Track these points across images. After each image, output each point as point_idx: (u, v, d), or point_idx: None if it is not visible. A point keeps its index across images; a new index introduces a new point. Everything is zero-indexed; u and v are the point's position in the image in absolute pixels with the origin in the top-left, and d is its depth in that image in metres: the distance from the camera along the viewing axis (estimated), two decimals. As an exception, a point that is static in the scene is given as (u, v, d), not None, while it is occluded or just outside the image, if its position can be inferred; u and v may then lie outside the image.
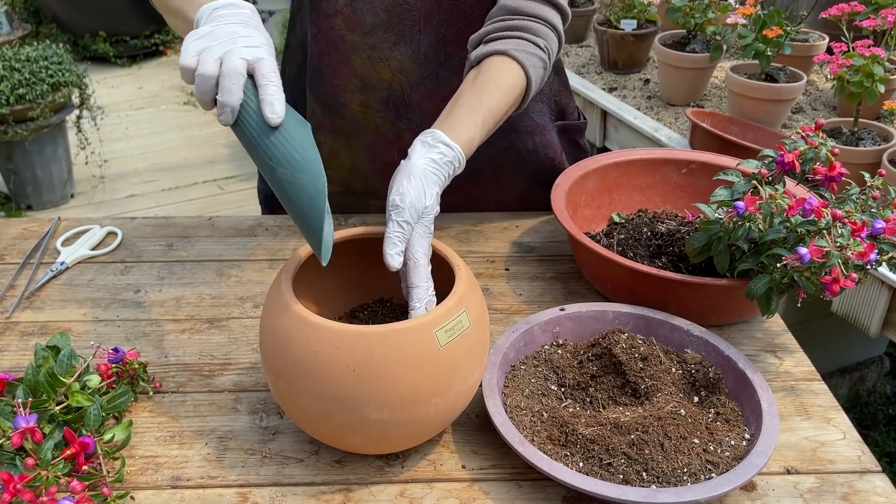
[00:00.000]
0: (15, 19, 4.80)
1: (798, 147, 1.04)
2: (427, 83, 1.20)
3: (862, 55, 1.97)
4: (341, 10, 1.15)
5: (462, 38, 1.16)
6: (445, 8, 1.14)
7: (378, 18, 1.14)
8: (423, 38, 1.16)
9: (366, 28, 1.15)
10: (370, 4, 1.13)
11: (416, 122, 1.24)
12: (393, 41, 1.16)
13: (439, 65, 1.18)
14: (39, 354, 0.92)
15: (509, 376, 0.95)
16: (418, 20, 1.14)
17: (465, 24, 1.15)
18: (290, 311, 0.81)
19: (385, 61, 1.17)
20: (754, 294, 0.96)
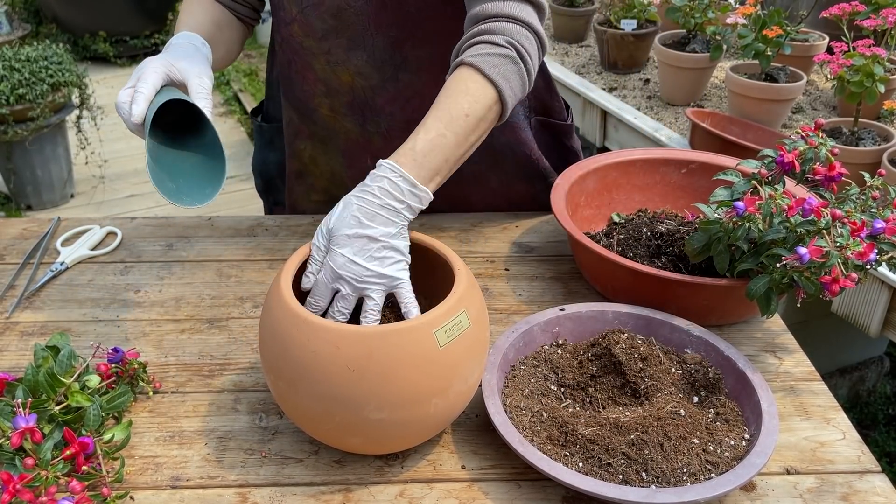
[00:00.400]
0: (15, 19, 4.80)
1: (798, 147, 1.04)
2: (388, 86, 1.20)
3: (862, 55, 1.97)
4: (296, 17, 1.16)
5: (415, 39, 1.16)
6: (391, 12, 1.13)
7: (327, 24, 1.15)
8: (377, 42, 1.16)
9: (318, 34, 1.16)
10: (317, 10, 1.14)
11: (384, 126, 1.24)
12: (346, 46, 1.16)
13: (397, 67, 1.18)
14: (39, 354, 0.92)
15: (509, 376, 0.95)
16: (368, 24, 1.14)
17: (415, 25, 1.15)
18: (290, 311, 0.81)
19: (342, 65, 1.18)
20: (754, 294, 0.96)
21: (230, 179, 3.83)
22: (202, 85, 1.00)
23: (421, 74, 1.19)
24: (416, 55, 1.17)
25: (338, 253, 0.84)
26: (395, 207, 0.86)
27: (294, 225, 1.34)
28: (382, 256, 0.85)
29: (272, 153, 1.41)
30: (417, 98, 1.21)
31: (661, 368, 0.94)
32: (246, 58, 5.28)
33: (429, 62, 1.18)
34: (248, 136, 4.24)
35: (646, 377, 0.92)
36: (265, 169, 1.45)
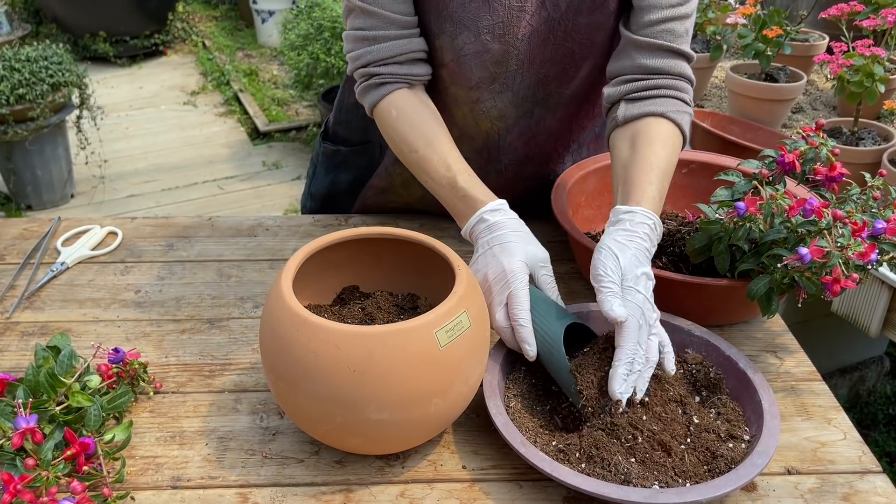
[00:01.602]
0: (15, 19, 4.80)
1: (798, 147, 1.04)
2: (521, 122, 1.18)
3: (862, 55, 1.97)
4: (447, 63, 1.11)
5: (564, 75, 1.14)
6: (550, 49, 1.11)
7: (486, 71, 1.11)
8: (524, 80, 1.13)
9: (472, 83, 1.12)
10: (479, 59, 1.09)
11: (503, 163, 1.23)
12: (497, 91, 1.13)
13: (536, 103, 1.16)
14: (39, 354, 0.92)
15: (510, 376, 0.95)
16: (523, 64, 1.11)
17: (571, 62, 1.12)
18: (290, 311, 0.81)
19: (486, 113, 1.15)
20: (755, 294, 0.96)
21: (231, 179, 3.84)
22: (548, 274, 0.97)
23: (557, 111, 1.18)
24: (558, 92, 1.16)
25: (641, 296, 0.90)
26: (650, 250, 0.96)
27: (294, 225, 1.34)
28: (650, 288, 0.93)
29: (344, 174, 1.38)
30: (544, 135, 1.21)
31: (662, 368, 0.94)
32: (246, 58, 5.28)
33: (568, 99, 1.17)
34: (247, 136, 4.24)
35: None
36: (332, 190, 1.41)
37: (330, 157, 1.39)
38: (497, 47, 1.08)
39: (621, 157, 1.06)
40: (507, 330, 0.93)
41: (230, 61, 5.14)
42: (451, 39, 1.08)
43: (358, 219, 1.36)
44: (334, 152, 1.38)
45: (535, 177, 1.28)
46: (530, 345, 0.91)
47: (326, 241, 0.92)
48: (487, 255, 0.97)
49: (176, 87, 4.87)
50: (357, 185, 1.37)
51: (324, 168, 1.41)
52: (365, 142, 1.33)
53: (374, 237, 0.95)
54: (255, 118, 4.37)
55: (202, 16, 5.97)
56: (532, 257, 0.97)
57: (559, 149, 1.26)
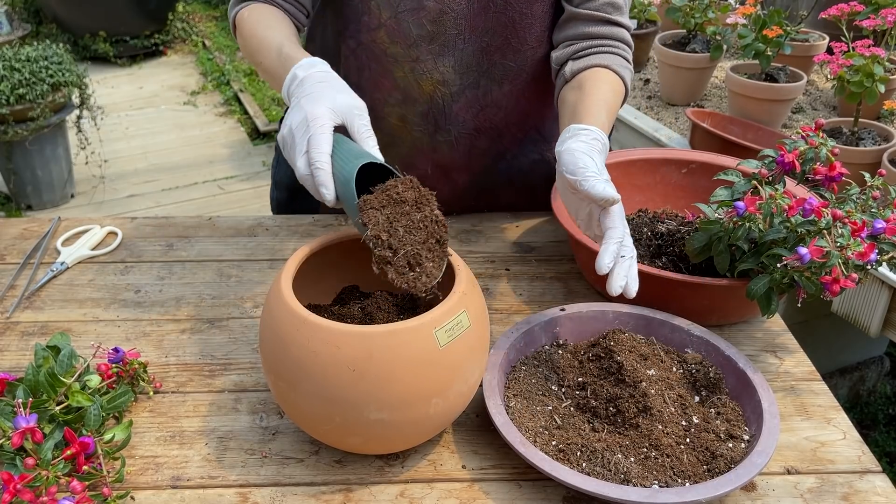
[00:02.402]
0: (15, 19, 4.80)
1: (798, 147, 1.04)
2: (467, 93, 1.19)
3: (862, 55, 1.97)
4: (385, 22, 1.13)
5: (506, 46, 1.16)
6: (491, 17, 1.13)
7: (423, 30, 1.13)
8: (467, 48, 1.15)
9: (410, 40, 1.14)
10: (416, 15, 1.12)
11: (453, 134, 1.23)
12: (437, 52, 1.15)
13: (481, 74, 1.18)
14: (39, 354, 0.92)
15: (510, 376, 0.95)
16: (463, 30, 1.13)
17: (512, 32, 1.15)
18: (290, 311, 0.81)
19: (427, 73, 1.17)
20: (754, 294, 0.96)
21: (231, 179, 3.84)
22: (364, 123, 0.94)
23: (503, 84, 1.19)
24: (502, 63, 1.18)
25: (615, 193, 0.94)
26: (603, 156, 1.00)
27: (294, 225, 1.34)
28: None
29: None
30: (493, 107, 1.22)
31: (662, 368, 0.94)
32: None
33: (513, 72, 1.19)
34: (247, 136, 4.24)
35: (646, 377, 0.92)
36: (293, 181, 1.39)
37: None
38: (432, 4, 1.11)
39: (570, 101, 1.11)
40: (308, 178, 0.88)
41: (230, 61, 5.14)
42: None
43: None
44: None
45: (489, 153, 1.28)
46: (327, 189, 0.86)
47: (326, 240, 0.92)
48: (294, 108, 0.93)
49: (176, 87, 4.87)
50: None
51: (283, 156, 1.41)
52: None
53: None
54: (255, 118, 4.37)
55: (202, 16, 5.97)
56: (343, 105, 0.92)
57: (511, 127, 1.26)
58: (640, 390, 0.90)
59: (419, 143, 1.24)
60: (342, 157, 0.87)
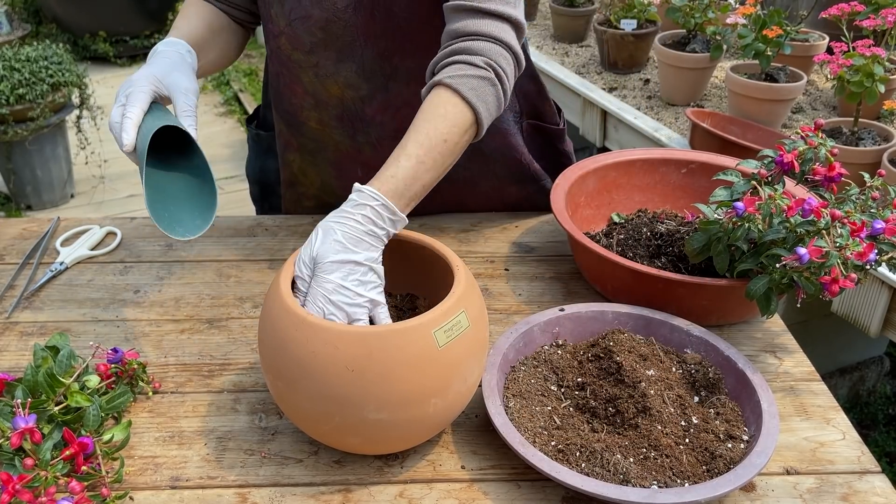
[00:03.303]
0: (15, 19, 4.80)
1: (797, 147, 1.04)
2: (378, 96, 1.19)
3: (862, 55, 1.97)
4: (283, 30, 1.15)
5: (404, 50, 1.15)
6: (380, 23, 1.13)
7: (315, 37, 1.14)
8: (367, 53, 1.15)
9: (306, 47, 1.15)
10: (305, 24, 1.13)
11: (374, 136, 1.23)
12: (335, 58, 1.15)
13: (387, 77, 1.18)
14: (39, 354, 0.92)
15: (509, 377, 0.95)
16: (357, 36, 1.13)
17: (404, 36, 1.14)
18: (290, 311, 0.81)
19: (331, 77, 1.17)
20: (754, 294, 0.96)
21: (230, 179, 3.83)
22: (188, 103, 1.01)
23: (411, 84, 1.18)
24: (405, 66, 1.17)
25: (326, 279, 0.85)
26: (377, 234, 0.88)
27: (294, 225, 1.34)
28: (367, 280, 0.86)
29: (270, 160, 1.40)
30: (407, 107, 1.20)
31: (662, 368, 0.94)
32: (246, 58, 5.28)
33: (418, 72, 1.17)
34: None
35: (645, 378, 0.92)
36: (263, 177, 1.44)
37: (255, 141, 1.42)
38: (317, 13, 1.11)
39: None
40: (117, 125, 0.98)
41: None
42: (281, 6, 1.13)
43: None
44: (257, 136, 1.41)
45: None
46: (128, 135, 0.95)
47: (325, 241, 0.92)
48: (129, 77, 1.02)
49: (176, 87, 4.87)
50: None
51: (253, 153, 1.45)
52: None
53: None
54: (255, 118, 4.37)
55: (202, 16, 5.97)
56: (173, 82, 1.01)
57: None
58: (639, 390, 0.90)
59: (342, 146, 1.25)
60: (153, 118, 0.97)
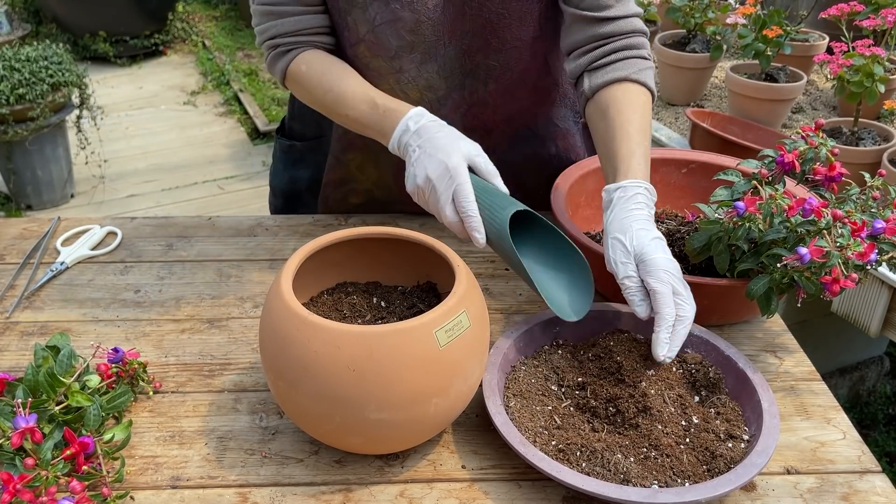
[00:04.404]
0: (15, 19, 4.80)
1: (798, 147, 1.04)
2: (454, 95, 1.19)
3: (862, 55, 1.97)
4: (364, 37, 1.13)
5: (489, 47, 1.15)
6: (469, 20, 1.12)
7: (403, 40, 1.12)
8: (449, 52, 1.15)
9: (391, 52, 1.14)
10: (393, 27, 1.11)
11: None
12: (419, 60, 1.15)
13: (465, 75, 1.18)
14: (39, 354, 0.92)
15: (509, 376, 0.95)
16: (443, 35, 1.13)
17: (491, 33, 1.14)
18: (290, 311, 0.81)
19: (413, 82, 1.17)
20: (754, 294, 0.96)
21: (231, 179, 3.84)
22: (486, 162, 1.01)
23: (488, 83, 1.19)
24: (486, 63, 1.17)
25: (664, 258, 0.93)
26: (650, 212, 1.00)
27: (294, 225, 1.34)
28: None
29: (302, 170, 1.40)
30: (479, 106, 1.22)
31: (662, 368, 0.94)
32: (246, 58, 5.28)
33: (498, 71, 1.19)
34: (247, 137, 4.24)
35: (646, 377, 0.92)
36: (292, 186, 1.42)
37: (286, 152, 1.41)
38: (408, 15, 1.10)
39: (598, 131, 1.10)
40: (457, 223, 0.98)
41: (230, 61, 5.14)
42: (363, 11, 1.11)
43: (357, 219, 1.36)
44: (290, 147, 1.40)
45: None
46: (480, 233, 0.96)
47: (326, 240, 0.92)
48: (423, 157, 1.00)
49: (176, 87, 4.87)
50: (316, 185, 1.38)
51: (282, 164, 1.43)
52: (319, 136, 1.35)
53: (373, 237, 0.95)
54: (255, 118, 4.37)
55: (202, 16, 5.97)
56: (467, 151, 1.00)
57: (500, 123, 1.26)
58: (639, 390, 0.90)
59: None
60: (486, 203, 0.97)
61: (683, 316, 0.91)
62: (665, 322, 0.90)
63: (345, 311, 0.97)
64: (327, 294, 1.00)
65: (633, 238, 0.95)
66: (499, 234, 0.94)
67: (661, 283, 0.91)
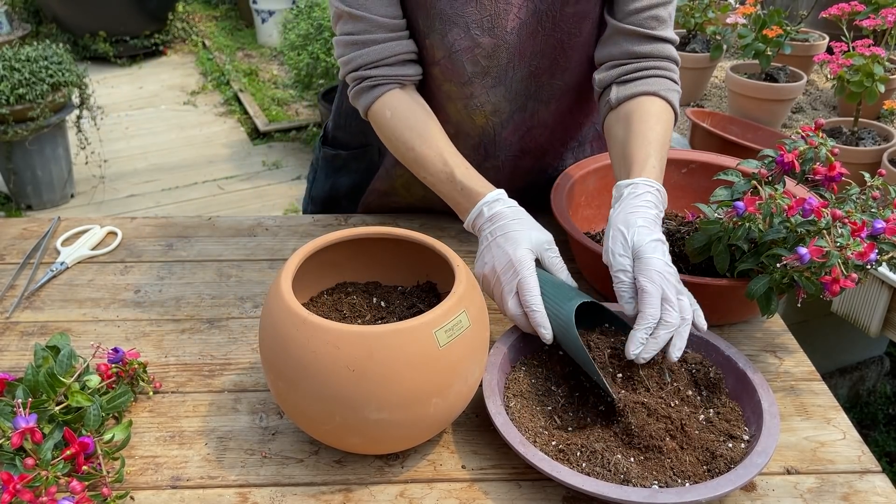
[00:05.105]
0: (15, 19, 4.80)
1: (798, 147, 1.04)
2: (516, 117, 1.19)
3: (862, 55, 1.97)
4: (439, 61, 1.12)
5: (555, 67, 1.15)
6: (540, 41, 1.12)
7: (478, 66, 1.12)
8: (517, 74, 1.14)
9: (464, 78, 1.13)
10: (470, 54, 1.10)
11: (500, 159, 1.24)
12: (490, 85, 1.14)
13: (528, 97, 1.18)
14: (39, 354, 0.92)
15: (509, 376, 0.95)
16: (514, 57, 1.12)
17: (562, 53, 1.14)
18: (290, 311, 0.81)
19: (480, 108, 1.16)
20: (754, 294, 0.96)
21: (231, 179, 3.84)
22: (555, 256, 1.00)
23: (550, 104, 1.19)
24: (550, 84, 1.17)
25: (661, 261, 0.92)
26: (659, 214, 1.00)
27: (294, 225, 1.34)
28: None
29: (344, 178, 1.39)
30: (539, 128, 1.22)
31: (662, 368, 0.94)
32: (246, 58, 5.28)
33: (560, 91, 1.19)
34: (247, 136, 4.24)
35: (646, 377, 0.92)
36: (332, 193, 1.41)
37: (330, 161, 1.39)
38: (487, 41, 1.09)
39: (618, 137, 1.09)
40: (520, 317, 0.95)
41: (230, 61, 5.14)
42: (441, 37, 1.09)
43: (357, 219, 1.36)
44: (334, 156, 1.38)
45: (532, 171, 1.29)
46: (546, 328, 0.92)
47: (326, 240, 0.92)
48: (492, 246, 0.99)
49: (176, 87, 4.88)
50: (356, 190, 1.37)
51: (324, 172, 1.41)
52: (364, 145, 1.34)
53: (373, 237, 0.95)
54: (255, 118, 4.37)
55: (202, 16, 5.97)
56: (536, 242, 0.98)
57: (555, 143, 1.27)
58: (639, 390, 0.90)
59: None
60: (551, 296, 0.94)
61: (668, 322, 0.89)
62: (646, 322, 0.89)
63: (344, 311, 0.97)
64: (327, 294, 0.99)
65: (635, 234, 0.95)
66: (565, 326, 0.91)
67: (650, 284, 0.90)
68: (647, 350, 0.89)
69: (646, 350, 0.89)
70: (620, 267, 0.94)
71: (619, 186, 1.02)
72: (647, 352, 0.89)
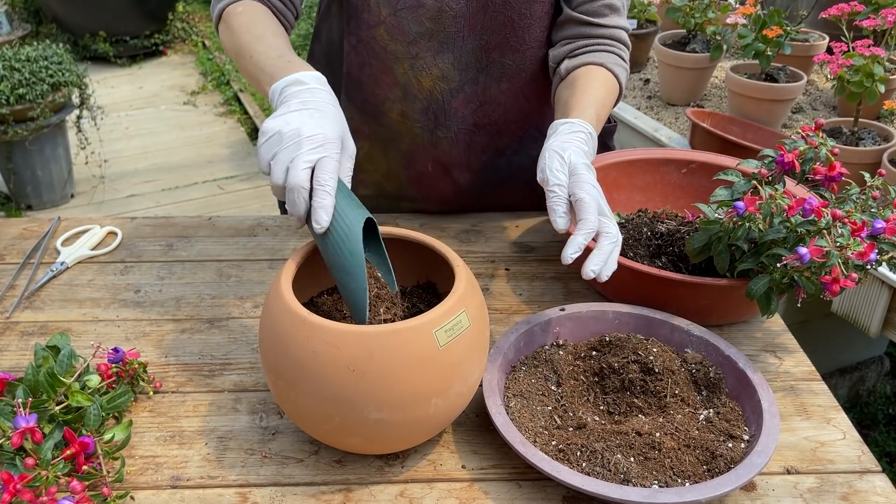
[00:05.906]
0: (15, 19, 4.80)
1: (798, 147, 1.04)
2: (466, 88, 1.21)
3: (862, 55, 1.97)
4: (384, 20, 1.14)
5: (505, 45, 1.17)
6: (491, 16, 1.15)
7: (422, 27, 1.14)
8: (466, 45, 1.17)
9: (409, 37, 1.15)
10: (415, 13, 1.13)
11: (453, 130, 1.24)
12: (436, 49, 1.16)
13: (480, 70, 1.20)
14: (39, 354, 0.92)
15: (510, 376, 0.95)
16: (462, 27, 1.15)
17: (510, 32, 1.16)
18: (290, 311, 0.81)
19: (427, 70, 1.18)
20: (754, 294, 0.96)
21: (231, 179, 3.84)
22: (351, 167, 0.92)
23: (502, 82, 1.21)
24: (501, 62, 1.19)
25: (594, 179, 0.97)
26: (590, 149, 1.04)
27: (294, 226, 1.34)
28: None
29: None
30: (492, 104, 1.23)
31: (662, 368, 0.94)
32: (246, 58, 5.27)
33: (514, 70, 1.20)
34: (247, 137, 4.24)
35: (646, 377, 0.92)
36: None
37: None
38: (431, 3, 1.12)
39: (562, 98, 1.13)
40: (304, 191, 0.84)
41: (230, 61, 5.14)
42: None
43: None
44: None
45: (488, 148, 1.29)
46: (327, 213, 0.82)
47: (326, 240, 0.92)
48: (303, 112, 0.89)
49: (176, 87, 4.87)
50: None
51: None
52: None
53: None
54: (255, 118, 4.37)
55: (202, 16, 5.97)
56: (346, 143, 0.92)
57: (510, 124, 1.27)
58: (639, 390, 0.90)
59: (419, 140, 1.25)
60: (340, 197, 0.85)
61: (609, 232, 0.93)
62: (585, 227, 0.91)
63: (345, 311, 0.97)
64: (327, 294, 0.99)
65: (572, 155, 0.98)
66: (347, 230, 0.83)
67: (587, 195, 0.94)
68: (593, 262, 0.91)
69: (608, 266, 0.91)
70: (557, 181, 0.96)
71: (556, 125, 1.05)
72: (594, 263, 0.91)
